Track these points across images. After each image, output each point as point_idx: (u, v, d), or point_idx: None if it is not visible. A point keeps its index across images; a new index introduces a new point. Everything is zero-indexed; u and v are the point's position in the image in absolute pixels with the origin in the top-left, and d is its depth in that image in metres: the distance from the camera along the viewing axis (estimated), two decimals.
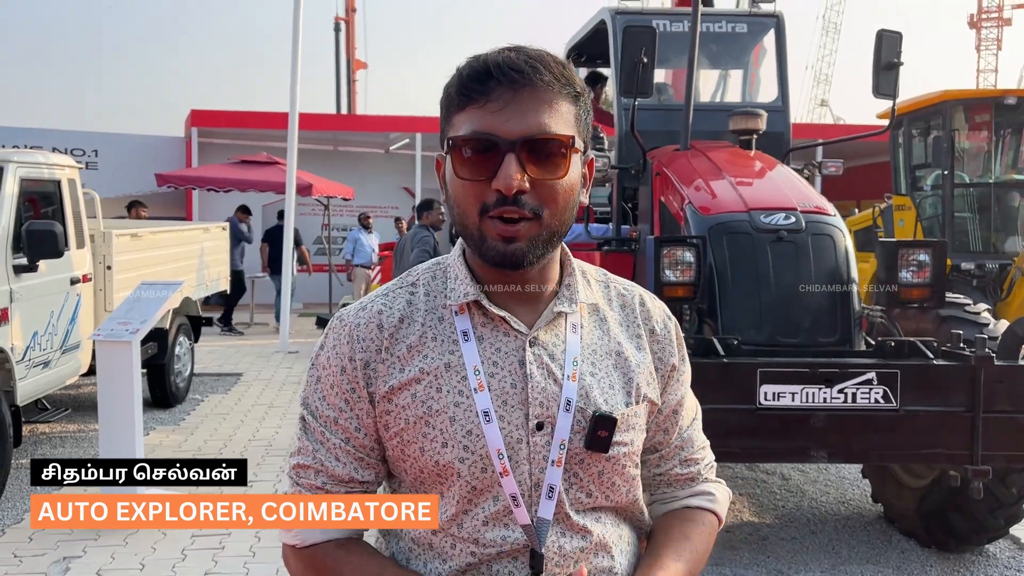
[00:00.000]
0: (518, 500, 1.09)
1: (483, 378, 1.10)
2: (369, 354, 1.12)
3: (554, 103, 1.07)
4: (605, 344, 1.18)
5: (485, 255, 1.09)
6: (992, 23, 63.63)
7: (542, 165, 1.06)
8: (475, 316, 1.13)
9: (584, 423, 1.11)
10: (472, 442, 1.08)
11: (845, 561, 4.30)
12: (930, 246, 4.14)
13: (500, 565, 1.10)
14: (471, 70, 1.08)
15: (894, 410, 3.64)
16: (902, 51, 5.00)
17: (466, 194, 1.08)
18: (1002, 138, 10.54)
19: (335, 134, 16.67)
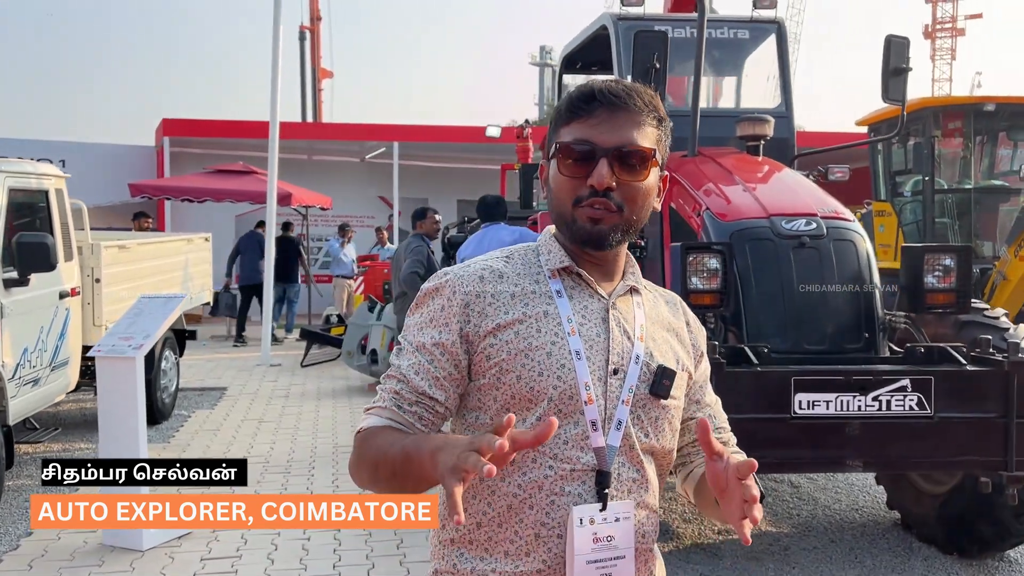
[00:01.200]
0: (596, 426, 1.30)
1: (575, 325, 1.33)
2: (469, 298, 1.32)
3: (642, 124, 1.33)
4: (661, 320, 1.44)
5: (575, 235, 1.34)
6: (946, 33, 65.06)
7: (628, 170, 1.31)
8: (565, 280, 1.37)
9: (648, 375, 1.35)
10: (565, 374, 1.29)
11: (871, 570, 4.26)
12: (955, 251, 4.13)
13: (571, 484, 1.28)
14: (580, 92, 1.35)
15: (929, 417, 3.61)
16: (910, 56, 5.01)
17: (565, 188, 1.33)
18: (980, 144, 10.68)
19: (310, 143, 16.46)
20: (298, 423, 7.36)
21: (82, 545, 4.42)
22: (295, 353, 11.54)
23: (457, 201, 17.93)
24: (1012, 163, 10.75)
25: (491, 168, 18.04)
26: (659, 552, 1.42)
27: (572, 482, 1.28)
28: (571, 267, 1.36)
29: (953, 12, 64.82)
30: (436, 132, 16.61)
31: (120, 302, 6.35)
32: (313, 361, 10.55)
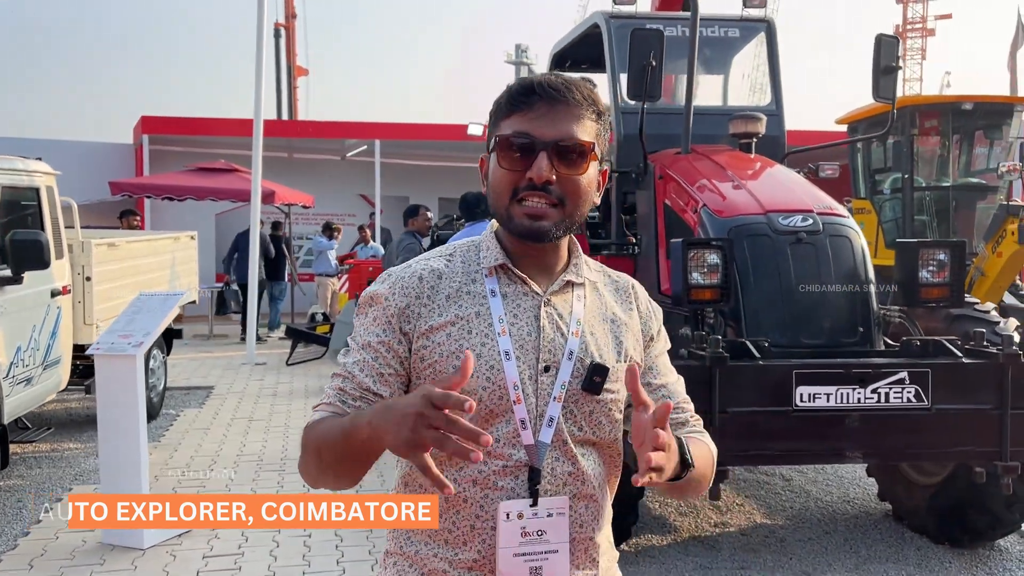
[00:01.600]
0: (526, 424, 1.32)
1: (506, 326, 1.34)
2: (409, 299, 1.36)
3: (581, 117, 1.34)
4: (602, 312, 1.44)
5: (513, 230, 1.35)
6: (917, 33, 65.84)
7: (567, 163, 1.33)
8: (501, 278, 1.39)
9: (582, 370, 1.35)
10: (494, 375, 1.32)
11: (866, 560, 4.33)
12: (949, 246, 4.21)
13: (504, 480, 1.31)
14: (519, 86, 1.36)
15: (926, 409, 3.68)
16: (899, 55, 5.10)
17: (503, 181, 1.34)
18: (957, 143, 10.85)
19: (290, 141, 16.37)
20: (288, 421, 7.34)
21: (81, 544, 4.39)
22: (279, 352, 11.49)
23: (439, 199, 17.90)
24: (988, 161, 10.94)
25: (473, 166, 18.00)
26: (607, 539, 1.43)
27: (505, 477, 1.31)
28: (505, 265, 1.38)
29: (923, 12, 65.68)
30: (418, 130, 16.59)
31: (110, 300, 6.31)
32: (298, 359, 10.51)
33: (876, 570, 4.20)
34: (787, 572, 4.16)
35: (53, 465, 5.91)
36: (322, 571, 4.06)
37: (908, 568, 4.23)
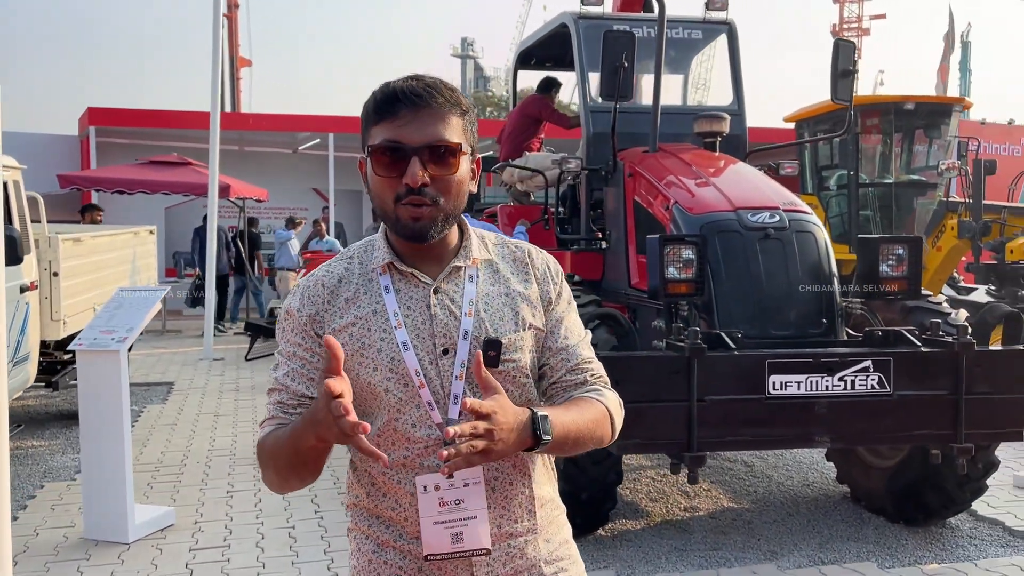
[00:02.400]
0: (432, 405, 1.42)
1: (401, 319, 1.44)
2: (316, 306, 1.47)
3: (446, 118, 1.42)
4: (497, 288, 1.52)
5: (400, 232, 1.45)
6: (852, 32, 67.65)
7: (439, 165, 1.41)
8: (393, 274, 1.48)
9: (479, 347, 1.42)
10: (395, 366, 1.42)
11: (829, 540, 4.57)
12: (907, 241, 4.45)
13: (427, 459, 1.42)
14: (383, 95, 1.43)
15: (888, 395, 3.91)
16: (856, 60, 5.34)
17: (383, 188, 1.43)
18: (899, 141, 11.28)
19: (241, 133, 16.18)
20: (256, 416, 7.34)
21: (63, 540, 4.39)
22: (236, 347, 11.42)
23: None
24: (928, 159, 11.40)
25: None
26: (548, 493, 1.53)
27: (427, 456, 1.41)
28: (393, 263, 1.47)
29: (859, 12, 67.54)
30: None
31: (75, 296, 6.25)
32: (257, 355, 10.47)
33: (839, 548, 4.43)
34: (757, 553, 4.37)
35: (20, 463, 5.84)
36: (310, 561, 4.13)
37: (868, 546, 4.47)
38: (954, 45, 39.71)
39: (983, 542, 4.54)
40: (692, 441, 3.75)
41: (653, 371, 3.80)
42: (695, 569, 4.15)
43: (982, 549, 4.43)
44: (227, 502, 5.01)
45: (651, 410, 3.78)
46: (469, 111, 1.47)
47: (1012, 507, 5.09)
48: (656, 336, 4.61)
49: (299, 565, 4.08)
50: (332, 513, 4.81)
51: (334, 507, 4.92)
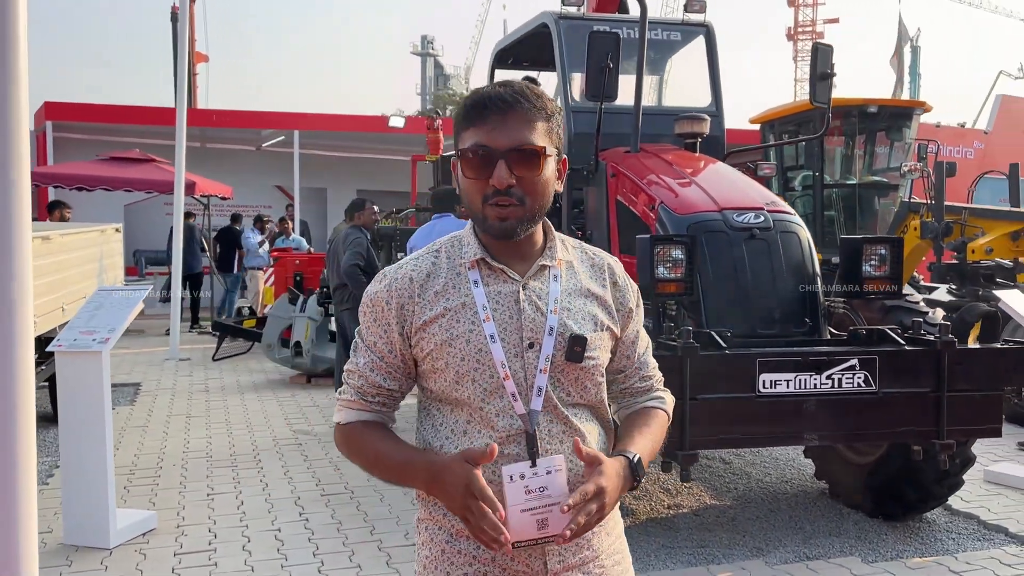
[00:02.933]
0: (516, 397, 1.48)
1: (489, 312, 1.50)
2: (403, 300, 1.53)
3: (532, 123, 1.49)
4: (578, 288, 1.59)
5: (487, 230, 1.52)
6: (807, 36, 68.88)
7: (524, 167, 1.48)
8: (482, 269, 1.54)
9: (563, 343, 1.51)
10: (482, 356, 1.49)
11: (811, 535, 4.64)
12: (889, 242, 4.54)
13: (508, 447, 1.48)
14: (472, 101, 1.52)
15: (874, 393, 3.99)
16: (834, 63, 5.43)
17: (472, 189, 1.51)
18: (862, 143, 11.50)
19: (203, 130, 15.92)
20: (228, 417, 7.24)
21: (42, 546, 4.27)
22: (201, 347, 11.26)
23: (357, 191, 17.76)
24: (889, 160, 11.64)
25: (392, 158, 17.98)
26: None
27: (508, 445, 1.47)
28: (483, 259, 1.54)
29: (813, 16, 68.75)
30: (337, 121, 16.40)
31: (45, 296, 6.09)
32: (225, 355, 10.32)
33: (822, 543, 4.50)
34: (744, 549, 4.42)
35: None
36: (300, 564, 4.09)
37: (850, 541, 4.55)
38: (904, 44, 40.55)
39: (960, 536, 4.65)
40: (685, 439, 3.79)
41: None
42: (684, 567, 4.18)
43: (960, 543, 4.53)
44: (208, 505, 4.93)
45: None
46: (554, 115, 1.54)
47: (985, 501, 5.22)
48: None
49: (289, 568, 4.03)
50: (317, 515, 4.76)
51: (319, 509, 4.87)
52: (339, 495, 5.13)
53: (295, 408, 7.64)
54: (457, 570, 1.50)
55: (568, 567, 1.51)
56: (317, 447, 6.25)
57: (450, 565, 1.51)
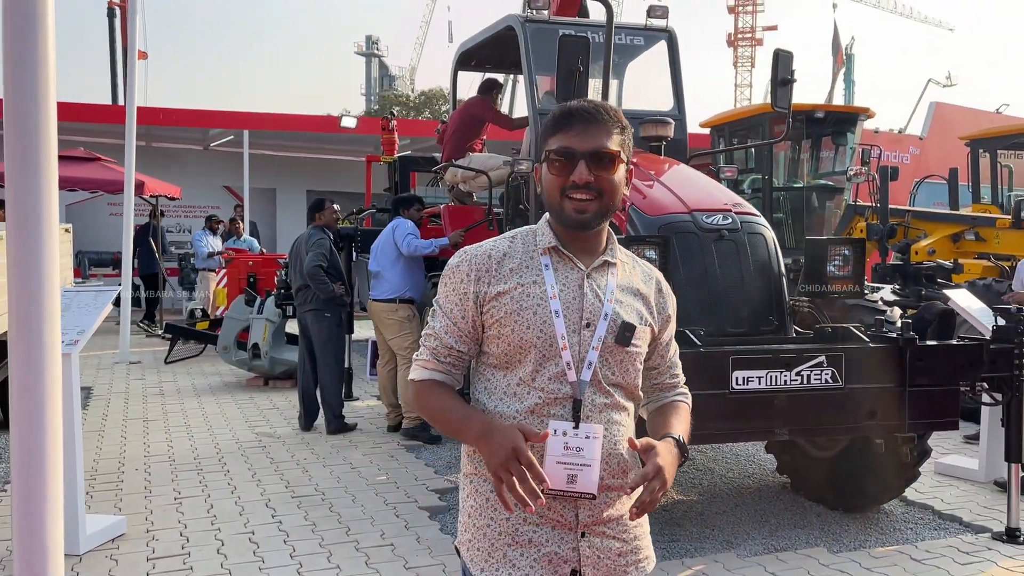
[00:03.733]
0: (570, 366, 1.69)
1: (556, 291, 1.72)
2: (480, 272, 1.74)
3: (610, 132, 1.73)
4: (630, 286, 1.81)
5: (564, 221, 1.74)
6: (747, 43, 70.32)
7: (601, 168, 1.71)
8: (553, 256, 1.77)
9: (615, 328, 1.73)
10: (546, 328, 1.70)
11: (777, 528, 4.77)
12: (852, 243, 4.70)
13: (554, 408, 1.69)
14: (560, 112, 1.76)
15: (840, 388, 4.12)
16: (794, 69, 5.59)
17: (554, 183, 1.73)
18: (808, 147, 11.81)
19: (148, 128, 15.58)
20: (187, 420, 7.12)
21: (6, 553, 4.17)
22: (151, 350, 11.04)
23: (307, 191, 17.60)
24: (834, 164, 11.98)
25: (343, 159, 17.84)
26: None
27: (555, 406, 1.69)
28: (556, 247, 1.76)
29: (752, 23, 70.20)
30: (287, 121, 16.21)
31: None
32: (177, 357, 10.13)
33: (788, 535, 4.63)
34: (713, 542, 4.53)
35: None
36: (278, 566, 4.06)
37: (814, 532, 4.70)
38: (841, 56, 41.69)
39: (917, 525, 4.83)
40: None
41: None
42: (660, 560, 4.26)
43: (918, 532, 4.72)
44: (177, 509, 4.85)
45: None
46: (627, 129, 1.77)
47: (937, 492, 5.43)
48: None
49: (267, 570, 4.00)
50: (290, 517, 4.73)
51: (291, 511, 4.84)
52: (310, 496, 5.10)
53: (255, 410, 7.55)
54: (501, 515, 1.70)
55: (597, 521, 1.70)
56: (282, 449, 6.19)
57: (494, 511, 1.71)
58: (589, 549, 1.70)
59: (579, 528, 1.69)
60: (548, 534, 1.68)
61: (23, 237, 1.61)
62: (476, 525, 1.74)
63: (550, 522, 1.68)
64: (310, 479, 5.46)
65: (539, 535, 1.68)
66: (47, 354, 1.62)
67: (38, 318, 1.62)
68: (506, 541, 1.69)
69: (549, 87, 6.36)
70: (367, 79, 75.22)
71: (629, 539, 1.76)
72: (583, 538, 1.69)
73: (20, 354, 1.60)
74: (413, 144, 15.92)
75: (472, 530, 1.74)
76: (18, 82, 1.58)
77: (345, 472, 5.60)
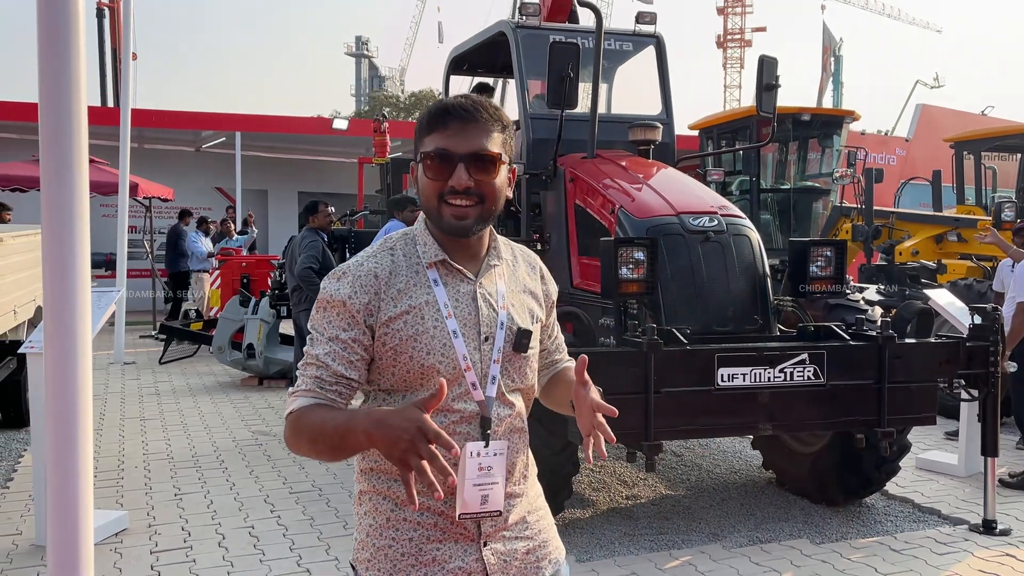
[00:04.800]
0: (476, 386, 1.63)
1: (450, 309, 1.63)
2: (369, 296, 1.60)
3: (489, 132, 1.63)
4: (518, 285, 1.77)
5: (443, 229, 1.64)
6: (736, 44, 70.62)
7: (481, 171, 1.62)
8: (440, 269, 1.66)
9: (511, 336, 1.68)
10: (446, 351, 1.61)
11: (762, 521, 4.92)
12: (834, 244, 4.85)
13: (461, 427, 1.61)
14: (436, 109, 1.64)
15: (822, 385, 4.28)
16: (779, 75, 5.74)
17: (431, 188, 1.63)
18: (795, 149, 11.98)
19: (140, 130, 15.65)
20: (184, 420, 7.23)
21: (13, 547, 4.28)
22: (145, 351, 11.12)
23: (298, 193, 17.69)
24: (820, 166, 12.16)
25: (335, 160, 17.94)
26: (531, 459, 1.79)
27: (462, 424, 1.61)
28: (444, 259, 1.66)
29: (742, 25, 70.51)
30: (279, 122, 16.29)
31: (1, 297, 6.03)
32: (171, 358, 10.23)
33: (772, 528, 4.78)
34: (700, 535, 4.67)
35: None
36: (278, 558, 4.18)
37: (798, 526, 4.84)
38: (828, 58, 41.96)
39: (897, 518, 4.99)
40: (649, 431, 4.01)
41: (613, 365, 4.04)
42: (648, 552, 4.41)
43: (898, 524, 4.87)
44: (178, 504, 4.97)
45: (611, 402, 4.00)
46: (508, 127, 1.67)
47: (917, 486, 5.59)
48: (603, 333, 4.85)
49: (267, 563, 4.12)
50: (289, 512, 4.85)
51: (289, 506, 4.96)
52: (307, 492, 5.22)
53: (250, 410, 7.66)
54: (403, 535, 1.61)
55: (499, 528, 1.66)
56: (278, 447, 6.31)
57: (395, 532, 1.62)
58: (493, 556, 1.65)
59: (482, 539, 1.64)
60: (452, 549, 1.62)
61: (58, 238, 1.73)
62: (376, 545, 1.63)
63: (453, 536, 1.62)
64: (307, 476, 5.58)
65: (443, 552, 1.61)
66: (79, 350, 1.74)
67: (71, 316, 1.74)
68: (409, 562, 1.61)
69: (540, 91, 6.50)
70: (357, 80, 75.23)
71: (534, 534, 1.72)
72: (485, 546, 1.64)
73: (55, 350, 1.72)
74: (404, 146, 16.03)
75: (371, 549, 1.64)
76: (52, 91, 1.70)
77: (341, 468, 5.72)
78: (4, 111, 14.20)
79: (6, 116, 14.16)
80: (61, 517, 1.72)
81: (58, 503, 1.73)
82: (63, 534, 1.72)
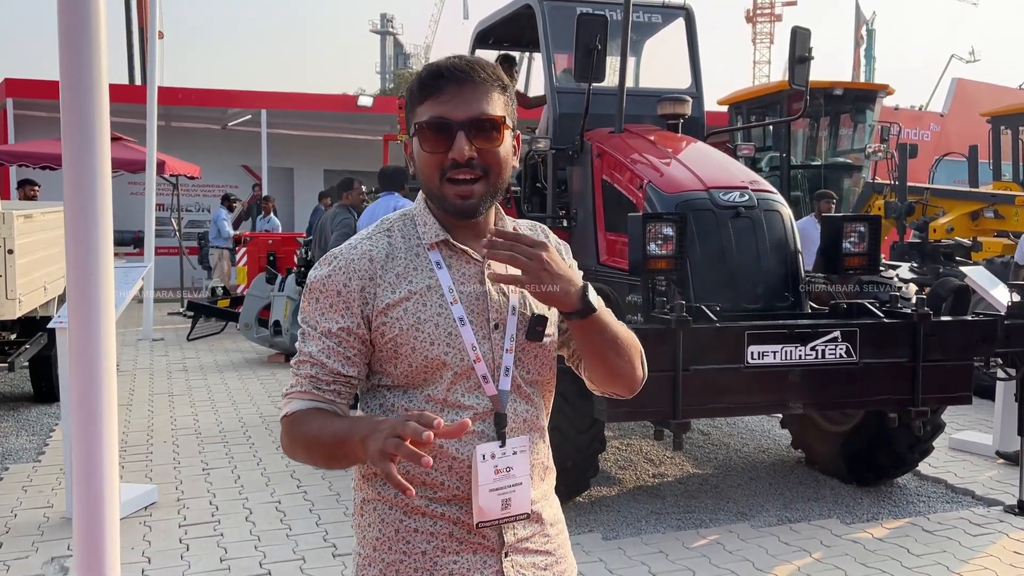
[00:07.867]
0: (487, 378, 1.45)
1: (456, 294, 1.45)
2: (364, 281, 1.44)
3: (489, 93, 1.43)
4: None
5: (446, 209, 1.45)
6: (765, 18, 69.56)
7: (484, 139, 1.41)
8: (443, 250, 1.48)
9: (524, 322, 1.49)
10: (452, 340, 1.43)
11: (792, 500, 4.86)
12: (868, 220, 4.74)
13: (475, 425, 1.42)
14: (427, 72, 1.45)
15: (855, 363, 4.19)
16: (812, 47, 5.60)
17: (430, 163, 1.43)
18: (827, 125, 11.77)
19: (167, 108, 15.72)
20: (211, 395, 7.28)
21: (44, 520, 4.33)
22: (173, 327, 11.22)
23: (324, 171, 17.72)
24: (852, 142, 11.95)
25: (359, 138, 17.93)
26: (552, 462, 1.60)
27: (475, 422, 1.41)
28: (447, 239, 1.47)
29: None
30: (305, 100, 16.29)
31: (29, 274, 6.07)
32: (199, 335, 10.31)
33: (802, 508, 4.72)
34: (728, 514, 4.63)
35: None
36: (304, 533, 4.19)
37: (828, 505, 4.78)
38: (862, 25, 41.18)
39: (930, 499, 4.90)
40: (677, 409, 3.95)
41: (641, 342, 3.97)
42: (674, 530, 4.37)
43: (930, 505, 4.79)
44: (206, 479, 5.00)
45: None
46: (509, 87, 1.48)
47: (950, 466, 5.49)
48: (630, 311, 4.79)
49: (294, 537, 4.14)
50: (315, 487, 4.86)
51: (315, 481, 4.97)
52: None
53: (276, 387, 7.69)
54: (415, 548, 1.45)
55: (520, 539, 1.49)
56: None
57: (407, 544, 1.45)
58: (513, 569, 1.48)
59: (503, 549, 1.47)
60: (470, 561, 1.45)
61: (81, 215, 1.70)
62: (385, 560, 1.46)
63: (471, 547, 1.45)
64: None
65: (460, 564, 1.45)
66: (103, 325, 1.72)
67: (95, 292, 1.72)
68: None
69: (567, 65, 6.41)
70: (382, 57, 75.13)
71: (553, 549, 1.56)
72: (506, 557, 1.47)
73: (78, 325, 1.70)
74: None
75: (380, 565, 1.47)
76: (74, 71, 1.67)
77: None
78: (34, 89, 14.31)
79: (36, 94, 14.27)
80: (86, 490, 1.72)
81: (83, 477, 1.71)
82: (89, 507, 1.71)
